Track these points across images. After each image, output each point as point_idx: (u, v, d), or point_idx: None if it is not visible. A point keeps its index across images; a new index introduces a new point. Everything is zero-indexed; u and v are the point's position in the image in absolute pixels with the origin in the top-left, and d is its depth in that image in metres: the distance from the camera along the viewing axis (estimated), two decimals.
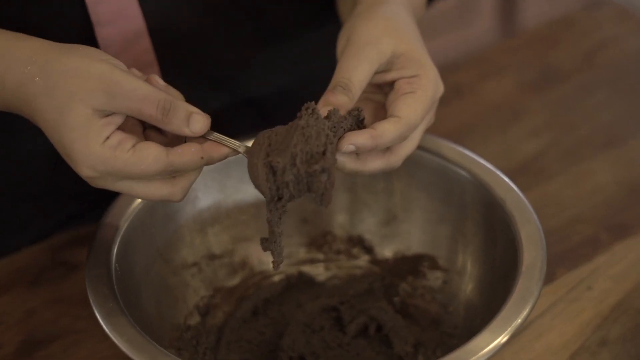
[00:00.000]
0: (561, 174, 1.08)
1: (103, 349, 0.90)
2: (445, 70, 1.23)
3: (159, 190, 0.75)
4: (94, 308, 0.79)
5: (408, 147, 0.82)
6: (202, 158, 0.74)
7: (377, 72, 0.83)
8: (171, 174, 0.75)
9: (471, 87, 1.22)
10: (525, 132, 1.14)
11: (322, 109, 0.79)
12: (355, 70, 0.81)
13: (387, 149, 0.81)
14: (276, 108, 1.05)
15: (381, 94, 0.84)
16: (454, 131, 1.14)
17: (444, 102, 1.18)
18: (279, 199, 0.76)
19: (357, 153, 0.79)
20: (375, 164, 0.81)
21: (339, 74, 0.81)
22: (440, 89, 0.84)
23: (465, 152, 0.90)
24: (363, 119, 0.80)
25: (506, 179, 0.87)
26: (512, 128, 1.15)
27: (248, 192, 0.93)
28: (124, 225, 0.86)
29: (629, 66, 1.24)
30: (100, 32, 0.91)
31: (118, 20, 0.92)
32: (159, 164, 0.73)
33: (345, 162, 0.80)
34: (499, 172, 0.87)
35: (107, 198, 0.88)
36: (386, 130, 0.78)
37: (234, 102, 1.04)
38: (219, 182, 0.92)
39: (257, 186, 0.77)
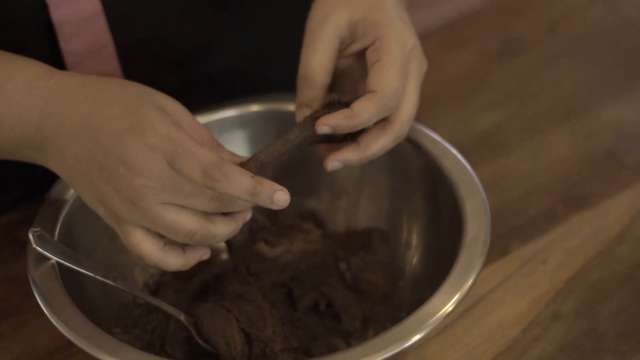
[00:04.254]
0: (520, 147, 1.07)
1: (52, 328, 0.88)
2: None
3: (192, 221, 0.72)
4: (33, 287, 0.78)
5: (406, 110, 0.81)
6: (252, 177, 0.71)
7: (346, 45, 0.82)
8: (214, 183, 0.70)
9: (432, 59, 1.19)
10: (485, 104, 1.13)
11: (298, 111, 0.80)
12: (313, 57, 0.80)
13: (386, 120, 0.80)
14: (232, 83, 1.04)
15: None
16: None
17: None
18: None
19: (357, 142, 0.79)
20: (378, 143, 0.80)
21: (300, 67, 0.80)
22: (408, 40, 0.81)
23: (412, 123, 0.88)
24: (348, 103, 0.79)
25: (454, 151, 0.85)
26: (473, 100, 1.14)
27: None
28: (68, 203, 0.84)
29: (592, 36, 1.23)
30: (55, 13, 0.90)
31: (73, 1, 0.90)
32: (213, 156, 0.70)
33: (349, 156, 0.79)
34: (446, 144, 0.86)
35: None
36: (363, 107, 0.77)
37: (191, 80, 1.03)
38: None
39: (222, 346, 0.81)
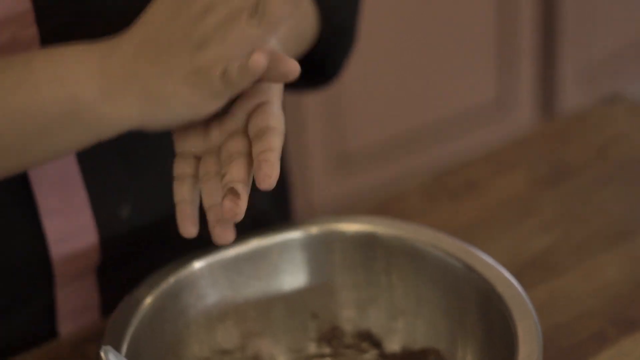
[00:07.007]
0: (571, 269, 1.09)
1: None
2: (458, 166, 1.27)
3: None
4: None
5: None
6: None
7: None
8: None
9: (483, 183, 1.24)
10: (536, 227, 1.16)
11: None
12: None
13: None
14: None
15: None
16: (466, 227, 1.16)
17: (456, 197, 1.21)
18: None
19: None
20: None
21: None
22: None
23: (465, 246, 0.92)
24: None
25: (506, 274, 0.88)
26: (524, 223, 1.17)
27: (258, 288, 0.95)
28: (135, 320, 0.88)
29: None
30: None
31: None
32: None
33: None
34: (499, 267, 0.89)
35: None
36: None
37: None
38: (228, 278, 0.94)
39: None
